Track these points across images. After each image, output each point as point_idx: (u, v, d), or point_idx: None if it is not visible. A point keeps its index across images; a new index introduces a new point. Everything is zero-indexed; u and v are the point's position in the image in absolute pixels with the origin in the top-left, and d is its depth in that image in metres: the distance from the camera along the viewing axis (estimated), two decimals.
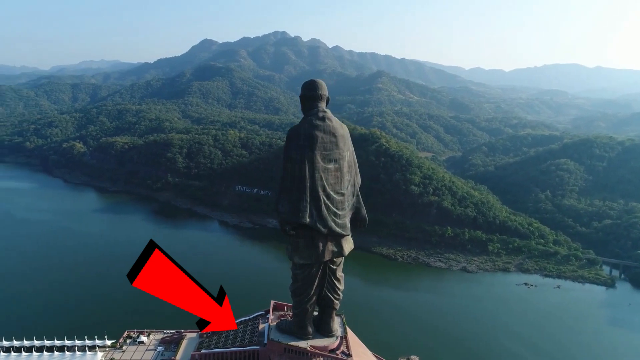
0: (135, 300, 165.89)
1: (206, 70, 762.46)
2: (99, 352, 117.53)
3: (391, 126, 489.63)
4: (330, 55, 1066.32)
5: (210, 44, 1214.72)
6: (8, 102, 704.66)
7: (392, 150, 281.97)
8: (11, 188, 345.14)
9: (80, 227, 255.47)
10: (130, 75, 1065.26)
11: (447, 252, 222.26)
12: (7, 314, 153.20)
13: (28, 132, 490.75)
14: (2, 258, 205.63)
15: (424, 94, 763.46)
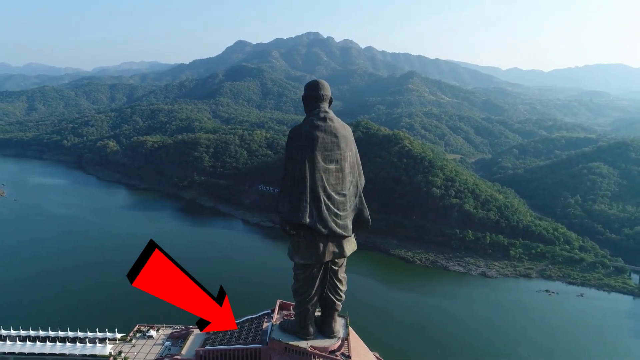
0: (150, 295, 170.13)
1: (238, 71, 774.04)
2: (108, 344, 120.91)
3: (419, 127, 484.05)
4: (362, 56, 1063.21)
5: (244, 45, 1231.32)
6: (50, 102, 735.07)
7: (414, 152, 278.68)
8: (47, 184, 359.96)
9: (107, 223, 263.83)
10: (166, 76, 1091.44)
11: (467, 256, 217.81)
12: (27, 304, 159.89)
13: (66, 130, 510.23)
14: (29, 251, 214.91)
15: (456, 95, 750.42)
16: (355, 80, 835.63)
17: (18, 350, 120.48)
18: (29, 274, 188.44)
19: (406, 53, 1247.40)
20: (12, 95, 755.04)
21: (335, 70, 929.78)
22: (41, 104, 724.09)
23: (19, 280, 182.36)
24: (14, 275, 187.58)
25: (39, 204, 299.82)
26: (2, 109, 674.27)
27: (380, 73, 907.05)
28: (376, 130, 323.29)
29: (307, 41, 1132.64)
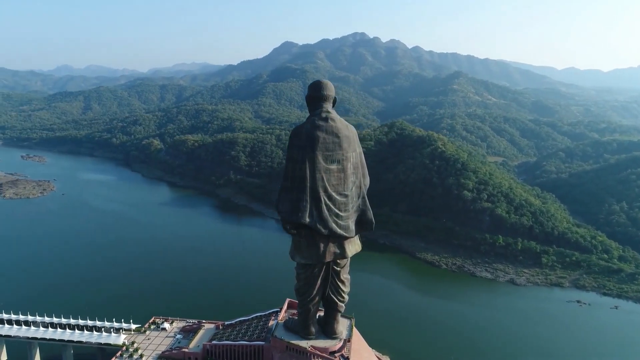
0: (170, 288, 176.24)
1: (282, 72, 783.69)
2: (122, 334, 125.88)
3: (461, 129, 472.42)
4: (408, 56, 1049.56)
5: (291, 46, 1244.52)
6: (104, 102, 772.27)
7: (447, 154, 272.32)
8: (94, 180, 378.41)
9: (144, 219, 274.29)
10: (215, 77, 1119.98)
11: (496, 262, 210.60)
12: (55, 292, 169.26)
13: (116, 129, 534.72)
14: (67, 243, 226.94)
15: (504, 96, 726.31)
16: (399, 81, 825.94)
17: (41, 335, 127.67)
18: (62, 264, 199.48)
19: (454, 53, 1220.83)
20: (70, 96, 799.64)
21: (380, 71, 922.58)
22: (96, 103, 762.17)
23: (53, 270, 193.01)
24: (48, 265, 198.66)
25: (84, 198, 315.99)
26: (61, 108, 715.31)
27: (426, 73, 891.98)
28: (411, 131, 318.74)
29: (352, 42, 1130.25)
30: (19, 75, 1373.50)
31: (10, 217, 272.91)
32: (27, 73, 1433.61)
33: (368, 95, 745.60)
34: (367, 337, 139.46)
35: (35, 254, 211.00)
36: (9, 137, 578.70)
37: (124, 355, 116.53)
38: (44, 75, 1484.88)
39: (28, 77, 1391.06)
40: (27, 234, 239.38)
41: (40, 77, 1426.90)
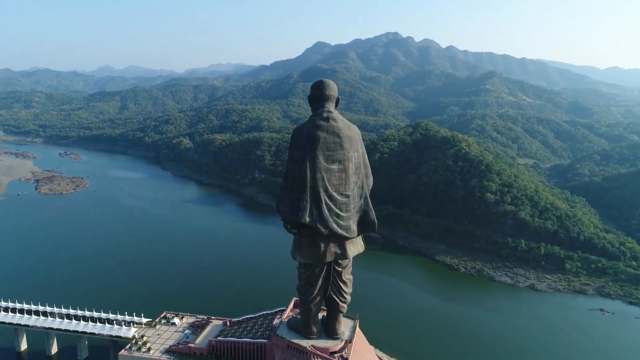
0: (184, 284, 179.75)
1: (312, 72, 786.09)
2: (133, 328, 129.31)
3: (491, 130, 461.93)
4: (441, 56, 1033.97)
5: (323, 47, 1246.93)
6: (140, 102, 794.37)
7: (471, 155, 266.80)
8: (125, 177, 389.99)
9: (169, 216, 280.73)
10: (247, 77, 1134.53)
11: (517, 267, 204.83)
12: (74, 285, 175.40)
13: (148, 128, 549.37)
14: (93, 238, 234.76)
15: (539, 96, 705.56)
16: (431, 81, 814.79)
17: (57, 326, 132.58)
18: (84, 258, 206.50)
19: (490, 52, 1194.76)
20: (108, 95, 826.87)
21: (412, 71, 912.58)
22: (132, 103, 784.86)
23: (74, 263, 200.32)
24: (70, 258, 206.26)
25: (114, 195, 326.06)
26: (99, 108, 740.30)
27: (459, 73, 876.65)
28: (435, 131, 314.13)
29: (385, 41, 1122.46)
30: (62, 76, 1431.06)
31: (41, 211, 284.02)
32: (69, 74, 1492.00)
33: (399, 96, 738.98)
34: (378, 338, 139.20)
35: (60, 247, 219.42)
36: (49, 135, 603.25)
37: (133, 348, 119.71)
38: (86, 76, 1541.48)
39: (71, 77, 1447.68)
40: (54, 228, 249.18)
41: (82, 78, 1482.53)
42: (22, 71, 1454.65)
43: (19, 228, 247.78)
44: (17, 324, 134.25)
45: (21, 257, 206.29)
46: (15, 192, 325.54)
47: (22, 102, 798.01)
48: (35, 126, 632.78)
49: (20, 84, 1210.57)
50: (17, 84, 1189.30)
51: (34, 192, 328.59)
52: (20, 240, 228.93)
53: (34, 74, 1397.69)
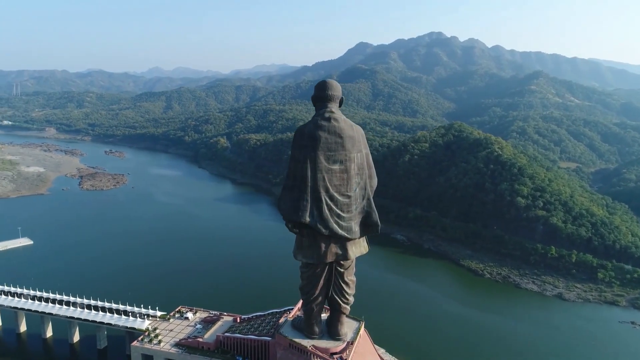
0: (203, 279, 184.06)
1: (351, 72, 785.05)
2: (147, 320, 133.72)
3: (532, 132, 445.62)
4: (486, 56, 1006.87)
5: (365, 47, 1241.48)
6: (184, 102, 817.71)
7: (503, 158, 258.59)
8: (163, 175, 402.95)
9: (199, 213, 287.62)
10: (289, 78, 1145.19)
11: (545, 275, 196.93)
12: (98, 275, 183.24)
13: (189, 127, 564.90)
14: (124, 233, 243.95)
15: (589, 97, 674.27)
16: (474, 82, 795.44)
17: (78, 315, 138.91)
18: (112, 251, 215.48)
19: (538, 52, 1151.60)
20: (154, 96, 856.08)
21: (455, 71, 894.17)
22: (177, 103, 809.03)
23: (102, 255, 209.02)
24: (99, 251, 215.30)
25: (150, 192, 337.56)
26: (145, 108, 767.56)
27: (504, 74, 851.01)
28: (469, 133, 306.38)
29: (428, 41, 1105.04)
30: (114, 77, 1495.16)
31: (80, 206, 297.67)
32: (121, 75, 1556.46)
33: (439, 97, 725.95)
34: (392, 341, 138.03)
35: (90, 240, 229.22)
36: (97, 133, 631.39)
37: (145, 340, 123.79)
38: (136, 77, 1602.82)
39: (122, 78, 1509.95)
40: (89, 222, 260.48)
41: (132, 79, 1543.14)
42: (78, 72, 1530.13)
43: (57, 221, 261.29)
44: (43, 312, 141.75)
45: (53, 249, 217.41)
46: (60, 188, 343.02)
47: (75, 102, 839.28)
48: (85, 125, 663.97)
49: (75, 84, 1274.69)
50: (72, 85, 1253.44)
51: (77, 188, 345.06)
52: (55, 233, 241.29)
53: (88, 75, 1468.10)
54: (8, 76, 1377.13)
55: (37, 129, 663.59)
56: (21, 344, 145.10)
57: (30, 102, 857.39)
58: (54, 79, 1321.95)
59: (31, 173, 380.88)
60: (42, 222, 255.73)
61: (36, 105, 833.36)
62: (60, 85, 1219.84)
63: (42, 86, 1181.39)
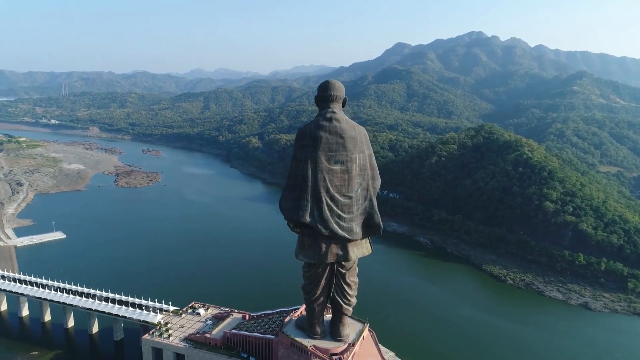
0: (220, 276, 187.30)
1: (387, 73, 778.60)
2: (159, 314, 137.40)
3: (571, 134, 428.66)
4: (527, 56, 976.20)
5: (403, 47, 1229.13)
6: (221, 102, 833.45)
7: (533, 161, 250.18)
8: (195, 174, 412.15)
9: (226, 211, 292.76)
10: (326, 78, 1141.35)
11: (572, 283, 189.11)
12: (120, 270, 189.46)
13: (223, 127, 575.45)
14: (149, 228, 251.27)
15: (636, 98, 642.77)
16: (514, 82, 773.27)
17: (96, 307, 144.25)
18: (135, 245, 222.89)
19: (584, 51, 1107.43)
20: (192, 96, 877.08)
21: (494, 72, 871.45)
22: (214, 103, 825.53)
23: (124, 249, 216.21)
24: (122, 245, 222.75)
25: (181, 190, 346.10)
26: (183, 108, 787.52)
27: (546, 74, 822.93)
28: (499, 135, 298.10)
29: (467, 41, 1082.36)
30: (157, 78, 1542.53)
31: (113, 203, 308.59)
32: (164, 76, 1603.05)
33: (476, 98, 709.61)
34: (402, 345, 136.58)
35: (118, 236, 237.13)
36: (137, 132, 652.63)
37: (156, 333, 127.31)
38: (178, 78, 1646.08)
39: (164, 79, 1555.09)
40: (119, 218, 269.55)
41: (174, 80, 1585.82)
42: (123, 74, 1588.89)
43: (90, 217, 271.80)
44: (64, 302, 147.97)
45: (82, 243, 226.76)
46: (97, 184, 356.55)
47: (117, 102, 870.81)
48: (126, 124, 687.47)
49: (120, 85, 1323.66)
50: (117, 86, 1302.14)
51: (112, 185, 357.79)
52: (86, 227, 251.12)
53: (132, 77, 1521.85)
54: (59, 77, 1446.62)
55: (81, 127, 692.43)
56: (45, 332, 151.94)
57: (76, 102, 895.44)
58: (100, 80, 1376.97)
59: (72, 170, 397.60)
60: (76, 217, 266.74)
61: (82, 105, 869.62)
62: (105, 86, 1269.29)
63: (89, 87, 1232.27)
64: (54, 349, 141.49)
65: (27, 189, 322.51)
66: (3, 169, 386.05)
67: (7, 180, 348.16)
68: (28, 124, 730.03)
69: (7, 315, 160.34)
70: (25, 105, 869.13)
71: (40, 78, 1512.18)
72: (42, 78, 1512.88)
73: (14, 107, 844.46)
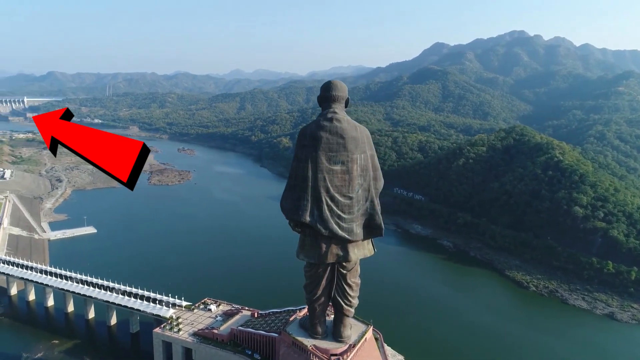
0: (236, 273, 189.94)
1: (422, 73, 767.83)
2: (171, 309, 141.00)
3: (613, 137, 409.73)
4: (572, 55, 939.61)
5: (441, 48, 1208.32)
6: (256, 103, 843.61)
7: (564, 164, 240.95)
8: (226, 172, 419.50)
9: (252, 210, 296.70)
10: (362, 79, 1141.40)
11: (598, 292, 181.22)
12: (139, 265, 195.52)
13: (256, 127, 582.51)
14: (174, 225, 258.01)
15: None
16: (555, 83, 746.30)
17: (112, 300, 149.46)
18: (157, 241, 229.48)
19: (634, 50, 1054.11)
20: (229, 97, 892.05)
21: (535, 72, 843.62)
22: (249, 104, 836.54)
23: (150, 247, 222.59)
24: (145, 241, 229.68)
25: (210, 188, 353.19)
26: (220, 108, 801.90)
27: (590, 74, 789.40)
28: (531, 136, 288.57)
29: (508, 40, 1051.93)
30: (197, 79, 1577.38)
31: (144, 199, 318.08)
32: (204, 77, 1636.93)
33: (515, 99, 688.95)
34: (413, 348, 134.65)
35: (144, 232, 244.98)
36: (174, 132, 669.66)
37: (166, 327, 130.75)
38: (217, 79, 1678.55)
39: (204, 80, 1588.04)
40: (147, 214, 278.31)
41: (214, 81, 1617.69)
42: (165, 75, 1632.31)
43: (121, 212, 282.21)
44: (85, 294, 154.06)
45: (110, 238, 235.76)
46: None
47: (157, 102, 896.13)
48: (164, 124, 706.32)
49: (161, 86, 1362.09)
50: (158, 86, 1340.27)
51: (145, 182, 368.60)
52: (115, 223, 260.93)
53: (174, 77, 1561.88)
54: (105, 78, 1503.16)
55: (122, 127, 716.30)
56: (68, 322, 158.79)
57: (119, 102, 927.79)
58: (143, 80, 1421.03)
59: None
60: (108, 213, 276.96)
61: (124, 105, 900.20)
62: (148, 87, 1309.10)
63: (133, 87, 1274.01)
64: (73, 338, 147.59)
65: (65, 185, 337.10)
66: (46, 166, 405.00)
67: (48, 176, 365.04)
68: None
69: (35, 304, 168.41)
70: (71, 105, 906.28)
71: (88, 79, 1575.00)
72: (89, 79, 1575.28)
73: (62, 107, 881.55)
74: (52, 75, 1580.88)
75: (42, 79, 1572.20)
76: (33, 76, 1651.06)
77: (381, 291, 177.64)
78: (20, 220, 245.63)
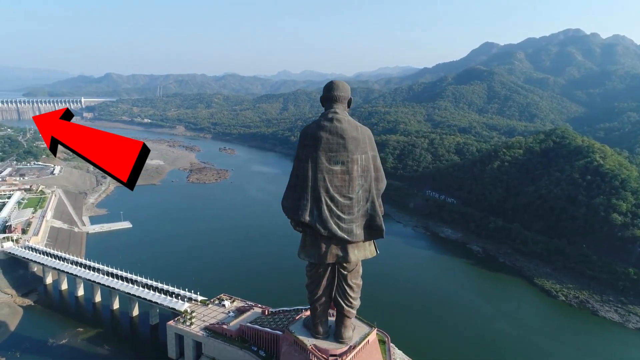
0: (257, 271, 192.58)
1: (468, 74, 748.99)
2: (186, 303, 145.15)
3: None
4: (631, 54, 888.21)
5: (491, 47, 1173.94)
6: (299, 103, 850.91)
7: (604, 168, 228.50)
8: (262, 172, 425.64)
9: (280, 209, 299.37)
10: (408, 80, 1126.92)
11: (633, 304, 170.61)
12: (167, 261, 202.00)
13: (296, 128, 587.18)
14: (205, 222, 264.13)
15: None
16: (611, 83, 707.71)
17: (133, 292, 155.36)
18: (185, 238, 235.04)
19: None
20: (272, 98, 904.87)
21: (590, 72, 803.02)
22: (292, 104, 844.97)
23: (178, 243, 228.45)
24: (180, 239, 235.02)
25: (245, 187, 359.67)
26: (263, 109, 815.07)
27: None
28: (572, 139, 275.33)
29: (561, 39, 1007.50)
30: (244, 80, 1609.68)
31: (180, 197, 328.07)
32: (251, 78, 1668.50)
33: (566, 100, 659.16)
34: (424, 355, 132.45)
35: (177, 229, 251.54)
36: (217, 132, 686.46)
37: (180, 321, 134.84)
38: (264, 80, 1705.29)
39: (251, 81, 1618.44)
40: (182, 212, 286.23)
41: (261, 82, 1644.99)
42: (214, 76, 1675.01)
43: (157, 209, 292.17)
44: (109, 286, 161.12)
45: (144, 233, 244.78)
46: (170, 179, 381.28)
47: (204, 103, 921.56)
48: (208, 124, 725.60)
49: (209, 87, 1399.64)
50: (207, 87, 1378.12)
51: (184, 180, 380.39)
52: (151, 219, 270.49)
53: (222, 79, 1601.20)
54: (157, 79, 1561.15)
55: (169, 126, 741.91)
56: (95, 312, 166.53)
57: (169, 102, 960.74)
58: (193, 82, 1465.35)
59: (151, 165, 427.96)
60: (145, 209, 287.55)
61: (173, 105, 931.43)
62: (197, 88, 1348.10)
63: (183, 88, 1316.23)
64: (97, 327, 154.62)
65: (109, 182, 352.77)
66: None
67: (94, 172, 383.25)
68: (124, 122, 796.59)
69: (67, 294, 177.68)
70: (124, 105, 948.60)
71: (141, 80, 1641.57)
72: (142, 80, 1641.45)
73: (115, 107, 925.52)
74: (109, 76, 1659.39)
75: (99, 80, 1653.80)
76: (92, 78, 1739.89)
77: (401, 294, 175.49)
78: (63, 214, 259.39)
